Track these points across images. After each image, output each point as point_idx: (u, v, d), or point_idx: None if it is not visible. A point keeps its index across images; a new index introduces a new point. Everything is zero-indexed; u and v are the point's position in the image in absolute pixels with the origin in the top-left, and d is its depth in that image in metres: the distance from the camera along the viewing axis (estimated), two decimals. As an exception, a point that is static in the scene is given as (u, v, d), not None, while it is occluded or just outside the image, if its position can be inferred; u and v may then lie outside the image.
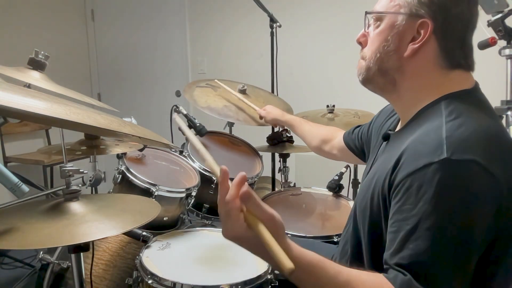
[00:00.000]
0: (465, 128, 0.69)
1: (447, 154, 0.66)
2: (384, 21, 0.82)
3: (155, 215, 0.97)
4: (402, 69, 0.81)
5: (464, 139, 0.68)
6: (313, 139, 1.46)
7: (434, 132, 0.71)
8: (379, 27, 0.83)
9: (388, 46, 0.81)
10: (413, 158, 0.70)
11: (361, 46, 0.89)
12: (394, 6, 0.80)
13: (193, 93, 1.84)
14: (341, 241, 1.02)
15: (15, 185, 0.92)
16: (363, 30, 0.88)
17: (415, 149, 0.71)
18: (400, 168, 0.72)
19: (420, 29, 0.77)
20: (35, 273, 1.72)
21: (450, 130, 0.69)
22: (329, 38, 3.05)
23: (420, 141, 0.72)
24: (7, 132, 3.03)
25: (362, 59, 0.88)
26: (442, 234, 0.66)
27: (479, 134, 0.69)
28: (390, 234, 0.72)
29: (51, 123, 1.23)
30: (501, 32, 1.53)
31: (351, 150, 1.28)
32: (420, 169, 0.67)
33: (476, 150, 0.66)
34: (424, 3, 0.77)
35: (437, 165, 0.66)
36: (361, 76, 0.88)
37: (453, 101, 0.76)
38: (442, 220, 0.66)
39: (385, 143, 0.92)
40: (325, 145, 1.42)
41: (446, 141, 0.67)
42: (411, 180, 0.68)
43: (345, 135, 1.32)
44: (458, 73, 0.80)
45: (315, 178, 2.40)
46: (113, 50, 3.89)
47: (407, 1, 0.78)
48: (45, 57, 1.11)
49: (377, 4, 0.85)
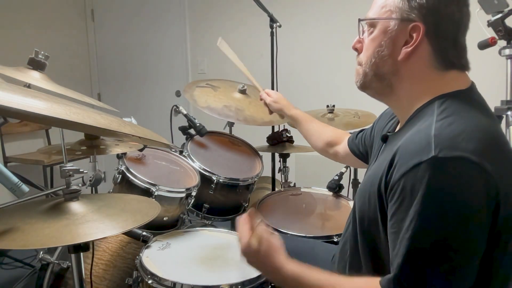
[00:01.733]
0: (455, 126, 0.70)
1: (435, 152, 0.66)
2: (377, 27, 0.84)
3: (155, 215, 0.97)
4: (398, 72, 0.82)
5: (453, 136, 0.68)
6: (319, 140, 1.44)
7: (424, 131, 0.71)
8: (372, 33, 0.85)
9: (382, 51, 0.83)
10: (404, 158, 0.71)
11: (357, 52, 0.91)
12: (386, 12, 0.82)
13: (193, 93, 1.85)
14: (341, 241, 1.03)
15: (15, 185, 0.92)
16: (358, 36, 0.90)
17: (406, 148, 0.72)
18: (394, 168, 0.72)
19: (412, 33, 0.79)
20: (35, 273, 1.72)
21: (439, 128, 0.70)
22: (329, 38, 3.05)
23: (410, 140, 0.73)
24: (7, 132, 3.03)
25: (359, 65, 0.90)
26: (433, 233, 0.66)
27: (471, 132, 0.69)
28: (391, 235, 0.73)
29: (51, 123, 1.23)
30: (501, 32, 1.53)
31: (356, 155, 1.27)
32: (411, 169, 0.68)
33: (466, 147, 0.66)
34: (414, 7, 0.78)
35: (426, 164, 0.66)
36: (358, 82, 0.90)
37: (446, 101, 0.76)
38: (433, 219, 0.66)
39: (383, 145, 0.93)
40: (330, 148, 1.40)
41: (434, 139, 0.68)
42: (405, 180, 0.69)
43: (350, 141, 1.31)
44: (453, 73, 0.80)
45: (315, 178, 2.40)
46: (113, 50, 3.89)
47: (398, 6, 0.80)
48: (45, 57, 1.11)
49: (369, 11, 0.87)
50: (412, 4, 0.78)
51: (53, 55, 1.17)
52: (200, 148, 1.91)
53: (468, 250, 0.67)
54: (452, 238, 0.66)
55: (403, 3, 0.79)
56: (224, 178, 1.72)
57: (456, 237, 0.66)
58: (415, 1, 0.78)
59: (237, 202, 1.87)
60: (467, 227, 0.66)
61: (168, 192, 1.53)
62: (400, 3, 0.79)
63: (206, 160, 1.79)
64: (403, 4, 0.79)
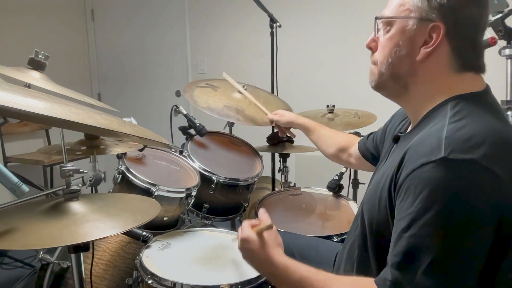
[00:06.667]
0: (467, 129, 0.69)
1: (444, 154, 0.66)
2: (394, 26, 0.82)
3: (155, 215, 0.97)
4: (415, 73, 0.81)
5: (465, 140, 0.67)
6: (330, 146, 1.42)
7: (435, 133, 0.71)
8: (389, 32, 0.83)
9: (399, 51, 0.81)
10: (413, 158, 0.70)
11: (371, 51, 0.89)
12: (404, 10, 0.80)
13: (193, 93, 1.84)
14: (347, 240, 1.02)
15: (15, 185, 0.92)
16: (372, 35, 0.88)
17: (416, 149, 0.71)
18: (403, 168, 0.72)
19: (432, 33, 0.77)
20: (35, 273, 1.72)
21: (451, 130, 0.69)
22: (329, 38, 3.04)
23: (421, 141, 0.72)
24: (7, 132, 3.04)
25: (374, 64, 0.88)
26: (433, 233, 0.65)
27: (483, 135, 0.68)
28: (393, 234, 0.72)
29: (51, 123, 1.23)
30: (501, 32, 1.53)
31: (366, 159, 1.26)
32: (418, 168, 0.68)
33: (477, 150, 0.66)
34: (434, 7, 0.76)
35: (434, 164, 0.66)
36: (373, 82, 0.88)
37: (460, 103, 0.75)
38: (435, 218, 0.65)
39: (394, 146, 0.93)
40: (342, 154, 1.39)
41: (445, 141, 0.67)
42: (410, 179, 0.69)
43: (360, 144, 1.29)
44: (469, 75, 0.79)
45: (315, 178, 2.40)
46: (113, 50, 3.89)
47: (417, 5, 0.78)
48: (45, 57, 1.11)
49: (385, 9, 0.85)
50: (432, 3, 0.76)
51: (53, 55, 1.17)
52: (200, 148, 1.91)
53: (470, 253, 0.65)
54: (453, 239, 0.65)
55: (422, 2, 0.77)
56: (224, 178, 1.72)
57: (457, 239, 0.65)
58: (436, 1, 0.76)
59: (237, 202, 1.87)
60: (469, 229, 0.65)
61: (168, 192, 1.53)
62: (419, 2, 0.78)
63: (206, 160, 1.79)
64: (423, 3, 0.77)
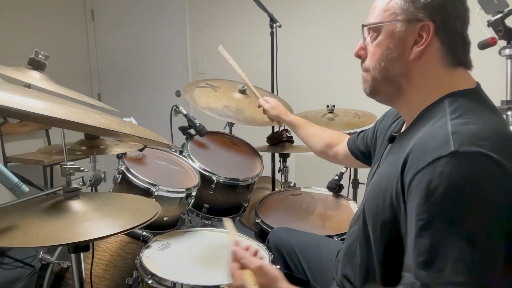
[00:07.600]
0: (472, 124, 0.70)
1: (455, 147, 0.65)
2: (382, 31, 0.83)
3: (156, 217, 0.97)
4: (408, 73, 0.82)
5: (472, 134, 0.68)
6: (318, 143, 1.44)
7: (439, 129, 0.71)
8: (377, 38, 0.84)
9: (391, 54, 0.82)
10: (420, 156, 0.70)
11: (360, 59, 0.89)
12: (390, 15, 0.81)
13: (193, 93, 1.84)
14: (346, 241, 1.02)
15: (15, 185, 0.92)
16: (360, 43, 0.88)
17: (422, 146, 0.71)
18: (409, 167, 0.72)
19: (422, 32, 0.78)
20: (35, 273, 1.72)
21: (456, 126, 0.70)
22: (329, 38, 3.05)
23: (426, 138, 0.72)
24: (7, 132, 3.04)
25: (365, 71, 0.88)
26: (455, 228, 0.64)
27: (487, 130, 0.69)
28: (410, 234, 0.70)
29: (51, 123, 1.23)
30: (501, 32, 1.53)
31: (356, 157, 1.27)
32: (429, 165, 0.67)
33: (485, 144, 0.66)
34: (420, 7, 0.78)
35: (446, 159, 0.65)
36: (368, 88, 0.88)
37: (457, 99, 0.76)
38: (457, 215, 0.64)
39: (390, 145, 0.93)
40: (329, 150, 1.40)
41: (453, 135, 0.68)
42: (421, 176, 0.68)
43: (350, 142, 1.30)
44: (460, 72, 0.81)
45: (315, 178, 2.41)
46: (113, 50, 3.89)
47: (403, 8, 0.79)
48: (45, 57, 1.11)
49: (370, 16, 0.86)
50: (418, 4, 0.78)
51: (53, 55, 1.17)
52: (200, 148, 1.91)
53: (493, 244, 0.64)
54: (477, 232, 0.64)
55: (407, 4, 0.79)
56: (224, 178, 1.72)
57: (480, 231, 0.64)
58: (420, 1, 0.78)
59: (237, 202, 1.87)
60: (489, 218, 0.64)
61: (168, 192, 1.53)
62: (404, 5, 0.79)
63: (206, 160, 1.78)
64: (408, 5, 0.79)
